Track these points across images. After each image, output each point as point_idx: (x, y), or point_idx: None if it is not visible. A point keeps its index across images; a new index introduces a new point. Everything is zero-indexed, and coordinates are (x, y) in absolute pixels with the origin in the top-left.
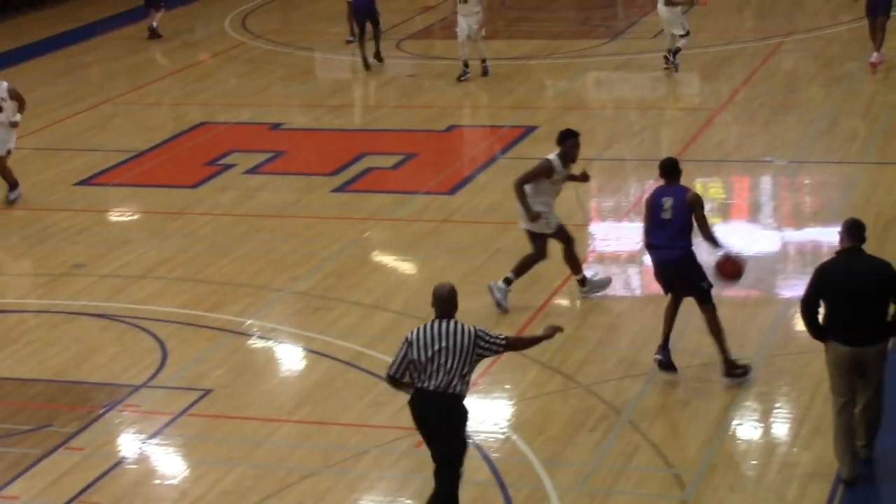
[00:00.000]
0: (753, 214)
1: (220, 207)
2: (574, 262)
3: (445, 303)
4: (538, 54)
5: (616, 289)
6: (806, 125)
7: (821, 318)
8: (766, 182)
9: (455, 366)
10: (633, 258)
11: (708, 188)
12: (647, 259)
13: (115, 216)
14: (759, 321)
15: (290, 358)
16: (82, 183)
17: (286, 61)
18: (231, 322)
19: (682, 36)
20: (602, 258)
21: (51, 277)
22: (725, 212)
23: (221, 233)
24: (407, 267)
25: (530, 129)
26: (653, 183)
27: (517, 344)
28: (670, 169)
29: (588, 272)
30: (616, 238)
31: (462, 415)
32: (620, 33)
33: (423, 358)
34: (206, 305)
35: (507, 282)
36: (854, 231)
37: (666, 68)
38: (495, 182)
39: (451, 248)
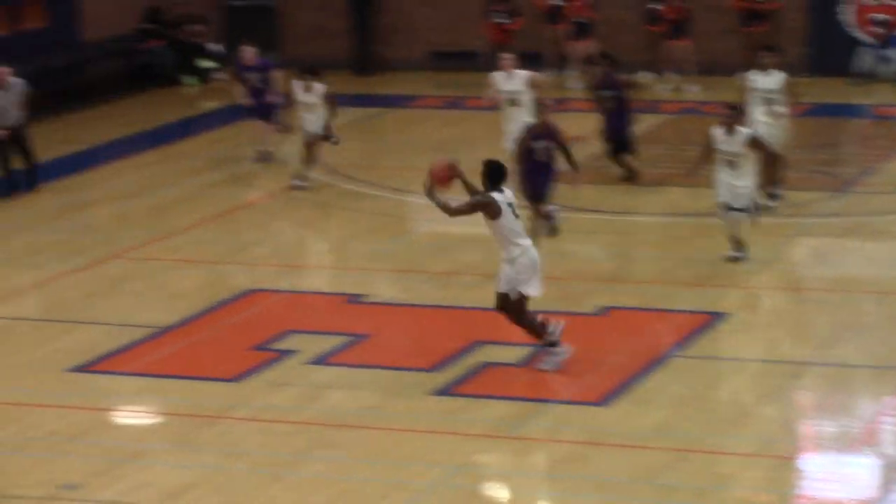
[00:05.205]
0: None
1: (272, 412)
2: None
3: None
4: None
5: None
6: None
7: None
8: None
9: None
10: None
11: None
12: None
13: (122, 418)
14: None
15: None
16: (77, 369)
17: (370, 207)
18: None
19: None
20: None
21: (31, 501)
22: None
23: (271, 446)
24: None
25: (717, 317)
26: (891, 399)
27: None
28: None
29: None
30: (842, 479)
31: None
32: (849, 184)
33: None
34: None
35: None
36: None
37: None
38: (667, 391)
39: (599, 483)
